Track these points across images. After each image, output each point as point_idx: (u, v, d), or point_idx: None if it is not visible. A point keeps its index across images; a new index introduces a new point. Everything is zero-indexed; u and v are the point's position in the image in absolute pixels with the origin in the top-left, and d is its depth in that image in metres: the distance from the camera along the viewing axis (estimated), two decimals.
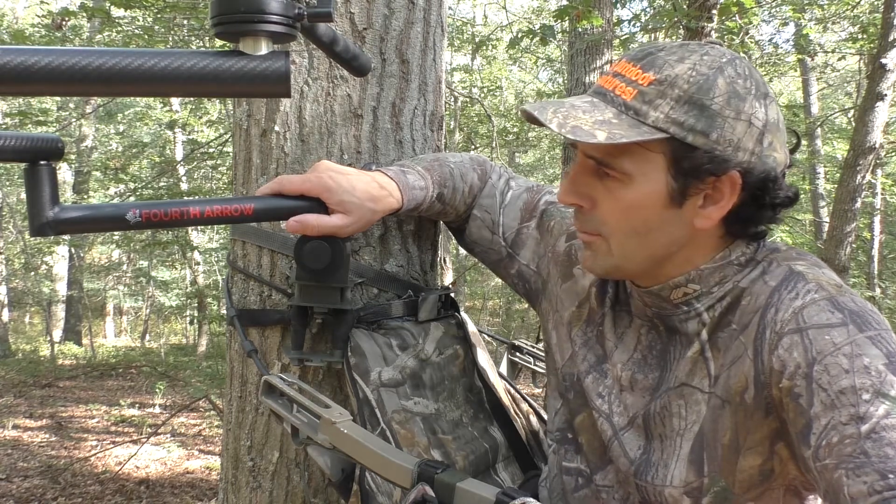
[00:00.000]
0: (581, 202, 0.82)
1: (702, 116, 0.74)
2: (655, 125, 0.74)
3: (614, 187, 0.79)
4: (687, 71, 0.75)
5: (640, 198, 0.78)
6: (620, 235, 0.81)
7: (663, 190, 0.77)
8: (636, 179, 0.77)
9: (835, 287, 0.75)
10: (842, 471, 0.64)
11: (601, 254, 0.84)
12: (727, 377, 0.78)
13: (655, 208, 0.78)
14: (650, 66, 0.76)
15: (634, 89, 0.76)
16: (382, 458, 0.83)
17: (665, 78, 0.75)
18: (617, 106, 0.77)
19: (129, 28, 6.41)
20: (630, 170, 0.77)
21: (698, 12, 4.35)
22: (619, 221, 0.80)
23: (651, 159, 0.76)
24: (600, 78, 0.82)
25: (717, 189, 0.77)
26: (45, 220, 0.72)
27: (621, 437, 0.88)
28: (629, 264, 0.83)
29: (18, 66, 0.50)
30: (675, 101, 0.74)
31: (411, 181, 1.00)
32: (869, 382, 0.66)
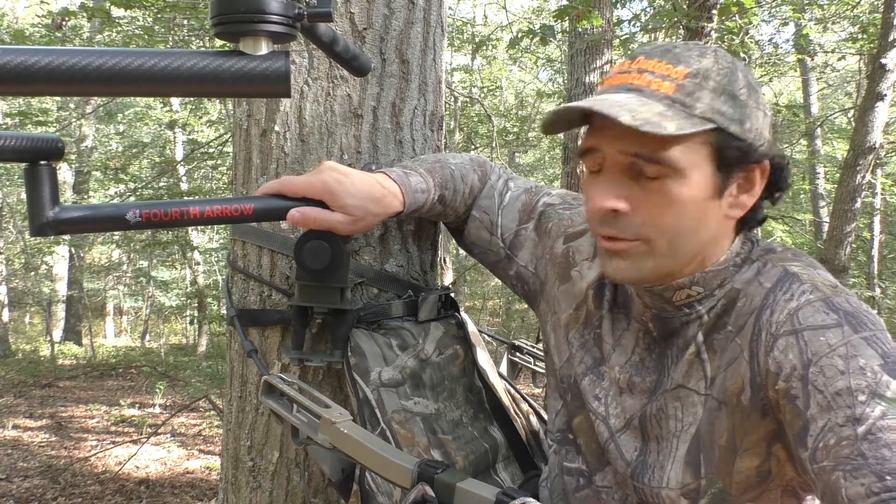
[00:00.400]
0: (620, 205, 0.78)
1: (736, 106, 0.76)
2: (703, 116, 0.75)
3: (660, 185, 0.76)
4: (714, 64, 0.77)
5: (692, 191, 0.76)
6: (669, 234, 0.78)
7: (710, 181, 0.77)
8: (687, 173, 0.76)
9: (830, 288, 0.75)
10: (839, 473, 0.64)
11: (641, 258, 0.79)
12: (723, 379, 0.78)
13: (703, 201, 0.77)
14: (678, 61, 0.77)
15: (672, 83, 0.76)
16: (382, 458, 0.83)
17: (698, 71, 0.76)
18: (661, 100, 0.75)
19: (129, 28, 6.41)
20: (682, 163, 0.75)
21: (698, 12, 4.35)
22: (667, 219, 0.77)
23: (698, 151, 0.76)
24: (618, 76, 0.79)
25: (750, 178, 0.79)
26: (45, 220, 0.72)
27: (617, 440, 0.88)
28: (674, 264, 0.80)
29: (18, 66, 0.50)
30: (713, 93, 0.76)
31: (414, 184, 1.00)
32: (864, 383, 0.66)
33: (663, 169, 0.75)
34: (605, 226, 0.80)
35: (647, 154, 0.75)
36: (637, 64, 0.78)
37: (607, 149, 0.78)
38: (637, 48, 0.83)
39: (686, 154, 0.75)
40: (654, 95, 0.75)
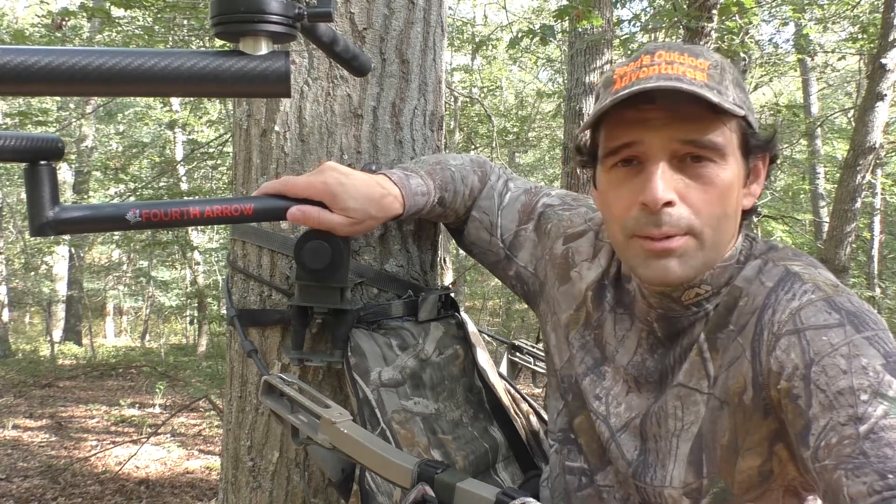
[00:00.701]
0: (675, 196, 0.76)
1: (746, 97, 0.79)
2: (735, 103, 0.76)
3: (708, 170, 0.76)
4: (722, 59, 0.79)
5: (732, 177, 0.77)
6: (714, 222, 0.77)
7: (741, 168, 0.79)
8: (729, 158, 0.77)
9: (831, 287, 0.75)
10: (841, 471, 0.64)
11: (692, 254, 0.77)
12: (725, 378, 0.78)
13: (737, 188, 0.79)
14: (696, 55, 0.78)
15: (704, 73, 0.76)
16: (382, 458, 0.83)
17: (716, 63, 0.78)
18: (700, 87, 0.74)
19: (129, 28, 6.41)
20: (726, 147, 0.76)
21: (698, 12, 4.35)
22: (714, 205, 0.76)
23: (731, 138, 0.78)
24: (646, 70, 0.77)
25: (757, 168, 0.82)
26: (45, 220, 0.72)
27: (618, 439, 0.88)
28: (717, 255, 0.80)
29: (18, 66, 0.50)
30: (732, 83, 0.78)
31: (414, 186, 1.00)
32: (867, 383, 0.66)
33: (712, 154, 0.76)
34: (652, 224, 0.76)
35: (700, 139, 0.75)
36: (660, 57, 0.77)
37: (654, 139, 0.76)
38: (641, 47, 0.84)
39: (726, 139, 0.77)
40: (693, 84, 0.74)
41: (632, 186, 0.78)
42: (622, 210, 0.79)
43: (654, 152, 0.76)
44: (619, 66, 0.81)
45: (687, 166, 0.76)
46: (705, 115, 0.75)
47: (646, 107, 0.75)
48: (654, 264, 0.78)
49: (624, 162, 0.79)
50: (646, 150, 0.77)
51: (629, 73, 0.78)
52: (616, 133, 0.79)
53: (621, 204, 0.79)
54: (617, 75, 0.80)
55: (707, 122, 0.74)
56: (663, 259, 0.77)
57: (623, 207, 0.79)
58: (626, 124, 0.78)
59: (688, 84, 0.73)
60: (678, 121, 0.75)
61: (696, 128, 0.75)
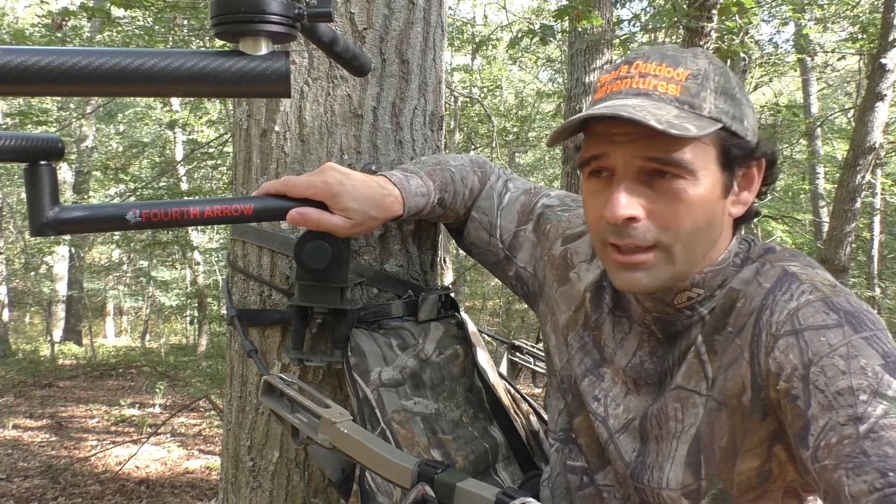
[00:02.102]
0: (637, 213, 0.77)
1: (734, 105, 0.77)
2: (711, 115, 0.76)
3: (676, 188, 0.76)
4: (709, 65, 0.78)
5: (703, 193, 0.76)
6: (685, 237, 0.77)
7: (718, 181, 0.78)
8: (699, 173, 0.76)
9: (829, 287, 0.75)
10: (841, 471, 0.64)
11: (660, 267, 0.78)
12: (724, 380, 0.78)
13: (713, 201, 0.78)
14: (676, 63, 0.77)
15: (677, 85, 0.76)
16: (382, 458, 0.83)
17: (698, 72, 0.77)
18: (670, 102, 0.75)
19: (129, 28, 6.41)
20: (694, 164, 0.75)
21: (698, 12, 4.35)
22: (683, 222, 0.76)
23: (706, 151, 0.77)
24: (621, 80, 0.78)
25: (749, 175, 0.81)
26: (45, 220, 0.72)
27: (616, 440, 0.88)
28: (690, 268, 0.80)
29: (18, 66, 0.50)
30: (714, 93, 0.77)
31: (414, 187, 1.00)
32: (866, 383, 0.66)
33: (677, 171, 0.75)
34: (617, 235, 0.78)
35: (663, 157, 0.75)
36: (636, 68, 0.78)
37: (618, 155, 0.77)
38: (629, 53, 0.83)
39: (696, 154, 0.76)
40: (663, 98, 0.76)
41: (602, 197, 0.79)
42: (595, 219, 0.81)
43: (620, 168, 0.78)
44: (606, 72, 0.82)
45: (654, 181, 0.77)
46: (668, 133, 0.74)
47: (612, 123, 0.76)
48: (622, 274, 0.81)
49: (596, 172, 0.81)
50: (612, 165, 0.78)
51: (607, 84, 0.80)
52: (588, 145, 0.81)
53: (595, 213, 0.81)
54: (600, 83, 0.82)
55: (671, 140, 0.74)
56: (630, 271, 0.79)
57: (596, 216, 0.81)
58: (596, 138, 0.79)
59: (656, 100, 0.75)
60: (642, 138, 0.74)
61: (660, 145, 0.75)
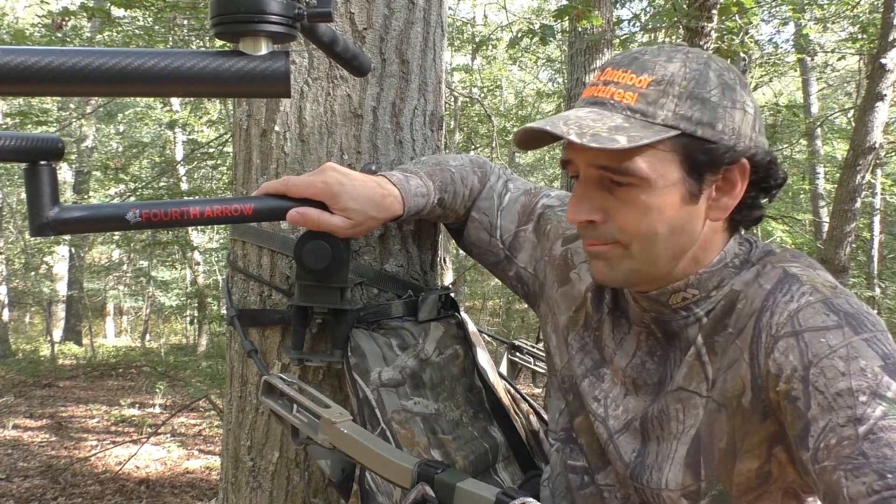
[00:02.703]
0: (593, 216, 0.80)
1: (705, 109, 0.76)
2: (665, 123, 0.75)
3: (630, 194, 0.77)
4: (680, 69, 0.76)
5: (659, 199, 0.77)
6: (643, 240, 0.78)
7: (680, 187, 0.77)
8: (653, 181, 0.76)
9: (829, 289, 0.75)
10: (840, 472, 0.64)
11: (619, 260, 0.81)
12: (724, 381, 0.78)
13: (675, 207, 0.77)
14: (642, 70, 0.77)
15: (635, 93, 0.76)
16: (382, 458, 0.83)
17: (662, 78, 0.76)
18: (621, 111, 0.76)
19: (129, 28, 6.41)
20: (647, 172, 0.76)
21: (698, 12, 4.35)
22: (639, 226, 0.78)
23: (664, 158, 0.76)
24: (588, 89, 0.81)
25: (728, 179, 0.79)
26: (45, 220, 0.72)
27: (616, 441, 0.88)
28: (652, 267, 0.81)
29: (18, 66, 0.50)
30: (677, 98, 0.75)
31: (413, 188, 1.00)
32: (865, 384, 0.66)
33: (630, 179, 0.76)
34: (584, 232, 0.83)
35: (612, 166, 0.77)
36: (604, 76, 0.79)
37: (580, 162, 0.80)
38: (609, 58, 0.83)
39: (652, 163, 0.76)
40: (616, 107, 0.76)
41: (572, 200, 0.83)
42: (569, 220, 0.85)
43: (582, 173, 0.81)
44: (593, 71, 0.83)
45: (613, 187, 0.79)
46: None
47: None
48: (592, 264, 0.85)
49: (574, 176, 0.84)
50: (577, 170, 0.82)
51: (585, 90, 0.82)
52: (564, 150, 0.84)
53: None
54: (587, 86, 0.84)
55: (621, 151, 0.74)
56: (595, 259, 0.84)
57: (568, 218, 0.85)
58: (569, 144, 0.81)
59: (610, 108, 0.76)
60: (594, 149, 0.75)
61: (608, 155, 0.76)
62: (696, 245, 0.81)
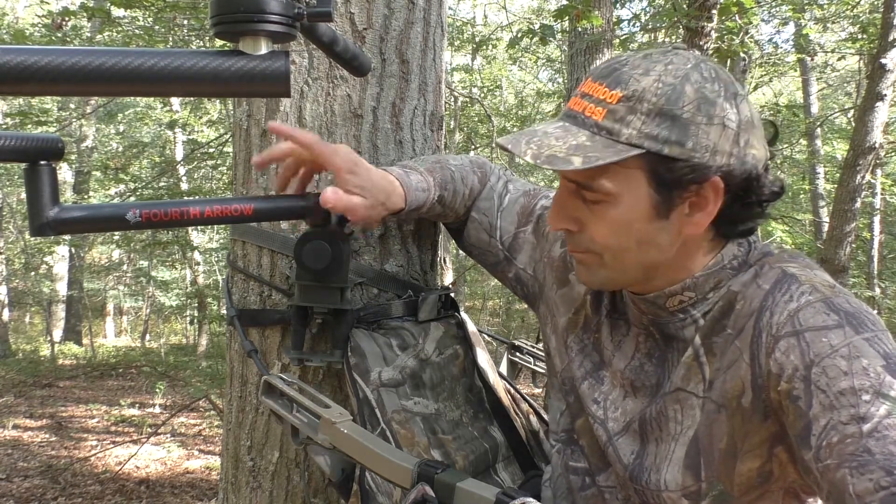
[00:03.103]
0: (569, 226, 0.83)
1: (674, 127, 0.74)
2: (629, 142, 0.74)
3: (599, 208, 0.79)
4: (653, 84, 0.75)
5: (626, 215, 0.78)
6: (612, 251, 0.81)
7: (647, 204, 0.77)
8: (619, 198, 0.77)
9: (828, 288, 0.75)
10: (845, 470, 0.64)
11: (595, 268, 0.84)
12: (723, 382, 0.78)
13: (642, 223, 0.78)
14: (616, 84, 0.76)
15: (604, 108, 0.76)
16: (382, 458, 0.83)
17: (633, 94, 0.75)
18: (589, 128, 0.77)
19: (129, 28, 6.41)
20: (612, 189, 0.77)
21: (698, 12, 4.35)
22: (608, 239, 0.80)
23: (631, 176, 0.76)
24: (572, 98, 0.82)
25: (701, 196, 0.77)
26: (45, 220, 0.72)
27: (615, 443, 0.88)
28: (624, 276, 0.84)
29: (18, 66, 0.50)
30: (645, 116, 0.74)
31: (414, 182, 1.00)
32: (868, 383, 0.66)
33: (597, 195, 0.78)
34: (567, 239, 0.86)
35: (581, 181, 0.79)
36: (583, 87, 0.80)
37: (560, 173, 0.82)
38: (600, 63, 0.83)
39: (617, 180, 0.77)
40: (585, 123, 0.77)
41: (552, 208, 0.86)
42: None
43: (561, 183, 0.84)
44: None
45: (587, 199, 0.81)
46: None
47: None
48: (576, 267, 0.89)
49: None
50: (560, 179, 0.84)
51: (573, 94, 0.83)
52: None
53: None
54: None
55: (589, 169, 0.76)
56: (577, 264, 0.87)
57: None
58: None
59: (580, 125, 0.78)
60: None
61: (578, 172, 0.78)
62: (679, 255, 0.81)
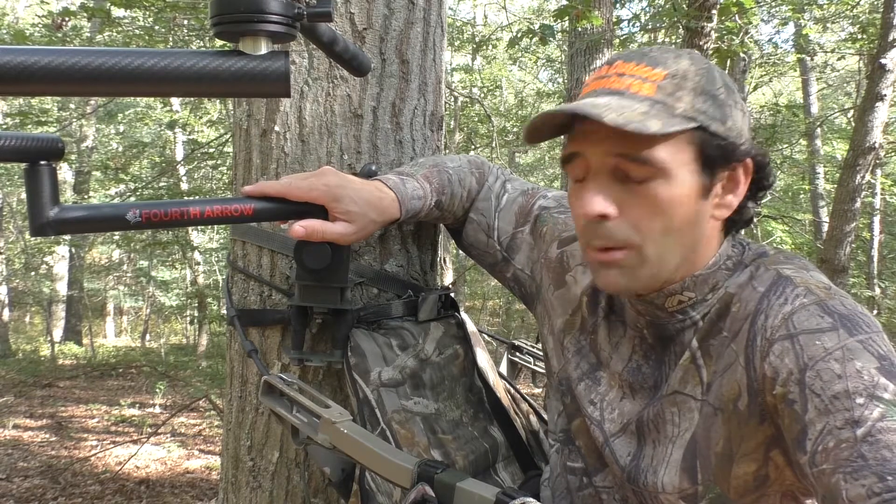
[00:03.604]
0: (608, 210, 0.76)
1: (715, 105, 0.76)
2: (685, 115, 0.74)
3: (645, 188, 0.75)
4: (691, 65, 0.77)
5: (679, 192, 0.75)
6: (657, 236, 0.76)
7: (695, 181, 0.76)
8: (670, 173, 0.75)
9: (824, 290, 0.75)
10: (839, 475, 0.64)
11: (632, 267, 0.78)
12: (719, 385, 0.78)
13: (691, 202, 0.76)
14: (656, 63, 0.76)
15: (653, 84, 0.75)
16: (382, 458, 0.83)
17: (676, 72, 0.76)
18: (642, 101, 0.74)
19: (129, 28, 6.41)
20: (669, 163, 0.74)
21: (698, 12, 4.35)
22: (655, 221, 0.76)
23: (683, 150, 0.75)
24: (597, 81, 0.79)
25: (733, 177, 0.79)
26: (45, 220, 0.72)
27: (612, 444, 0.88)
28: (664, 270, 0.79)
29: (18, 66, 0.50)
30: (693, 92, 0.75)
31: (410, 191, 1.00)
32: (862, 386, 0.66)
33: (650, 170, 0.74)
34: (593, 235, 0.78)
35: (633, 154, 0.74)
36: (615, 69, 0.78)
37: (592, 153, 0.77)
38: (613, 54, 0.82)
39: (672, 154, 0.75)
40: (635, 97, 0.75)
41: (580, 198, 0.79)
42: (577, 220, 0.82)
43: (595, 165, 0.78)
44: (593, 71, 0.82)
45: (629, 181, 0.76)
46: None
47: (587, 121, 0.75)
48: (602, 273, 0.81)
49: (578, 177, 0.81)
50: (588, 163, 0.78)
51: (590, 83, 0.80)
52: (569, 143, 0.81)
53: (575, 213, 0.82)
54: (586, 82, 0.82)
55: (644, 138, 0.73)
56: (606, 269, 0.80)
57: (576, 216, 0.82)
58: (575, 136, 0.79)
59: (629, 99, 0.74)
60: (614, 136, 0.73)
61: (632, 143, 0.74)
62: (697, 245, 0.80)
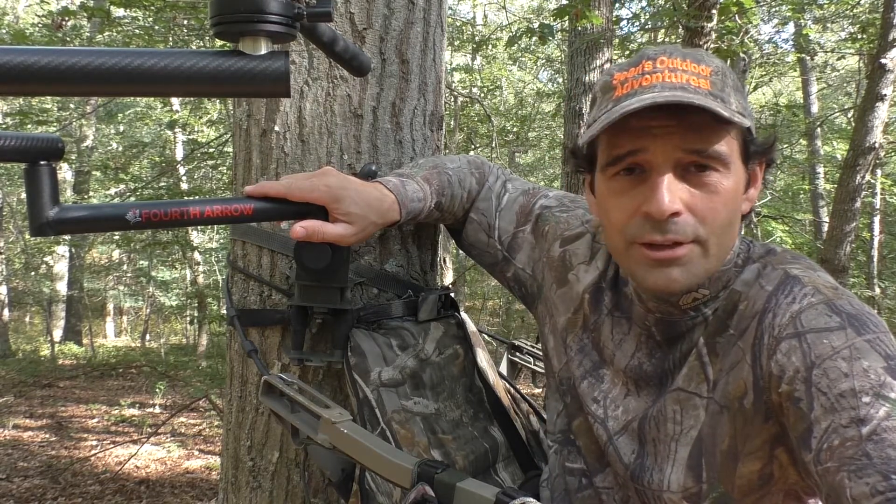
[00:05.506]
0: (681, 208, 0.75)
1: (745, 102, 0.79)
2: (737, 110, 0.76)
3: (711, 179, 0.75)
4: (722, 64, 0.78)
5: (734, 185, 0.77)
6: (719, 230, 0.76)
7: (742, 176, 0.79)
8: (731, 167, 0.77)
9: (831, 290, 0.75)
10: (843, 473, 0.64)
11: (696, 261, 0.77)
12: (725, 383, 0.78)
13: (738, 196, 0.79)
14: (699, 60, 0.77)
15: (707, 80, 0.76)
16: (382, 458, 0.83)
17: (717, 69, 0.77)
18: (705, 95, 0.74)
19: (129, 28, 6.41)
20: (729, 157, 0.76)
21: (698, 12, 4.35)
22: (719, 214, 0.76)
23: (733, 145, 0.77)
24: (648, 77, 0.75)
25: (755, 172, 0.82)
26: (45, 220, 0.72)
27: (615, 442, 0.88)
28: (719, 264, 0.79)
29: (18, 66, 0.50)
30: (734, 90, 0.77)
31: (410, 193, 1.00)
32: (868, 385, 0.66)
33: (715, 163, 0.76)
34: (659, 232, 0.75)
35: (704, 149, 0.74)
36: (663, 64, 0.76)
37: (657, 148, 0.75)
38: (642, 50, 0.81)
39: (730, 148, 0.77)
40: (698, 91, 0.74)
41: (635, 195, 0.77)
42: (624, 218, 0.78)
43: (659, 162, 0.75)
44: (618, 69, 0.79)
45: (691, 175, 0.75)
46: (710, 125, 0.74)
47: (650, 116, 0.74)
48: (656, 272, 0.77)
49: (626, 170, 0.78)
50: (650, 159, 0.76)
51: (630, 80, 0.76)
52: (619, 141, 0.77)
53: (623, 212, 0.78)
54: (617, 81, 0.78)
55: (712, 132, 0.74)
56: (666, 267, 0.77)
57: (625, 216, 0.78)
58: (629, 133, 0.76)
59: (693, 93, 0.73)
60: (683, 130, 0.73)
61: (701, 138, 0.74)
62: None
